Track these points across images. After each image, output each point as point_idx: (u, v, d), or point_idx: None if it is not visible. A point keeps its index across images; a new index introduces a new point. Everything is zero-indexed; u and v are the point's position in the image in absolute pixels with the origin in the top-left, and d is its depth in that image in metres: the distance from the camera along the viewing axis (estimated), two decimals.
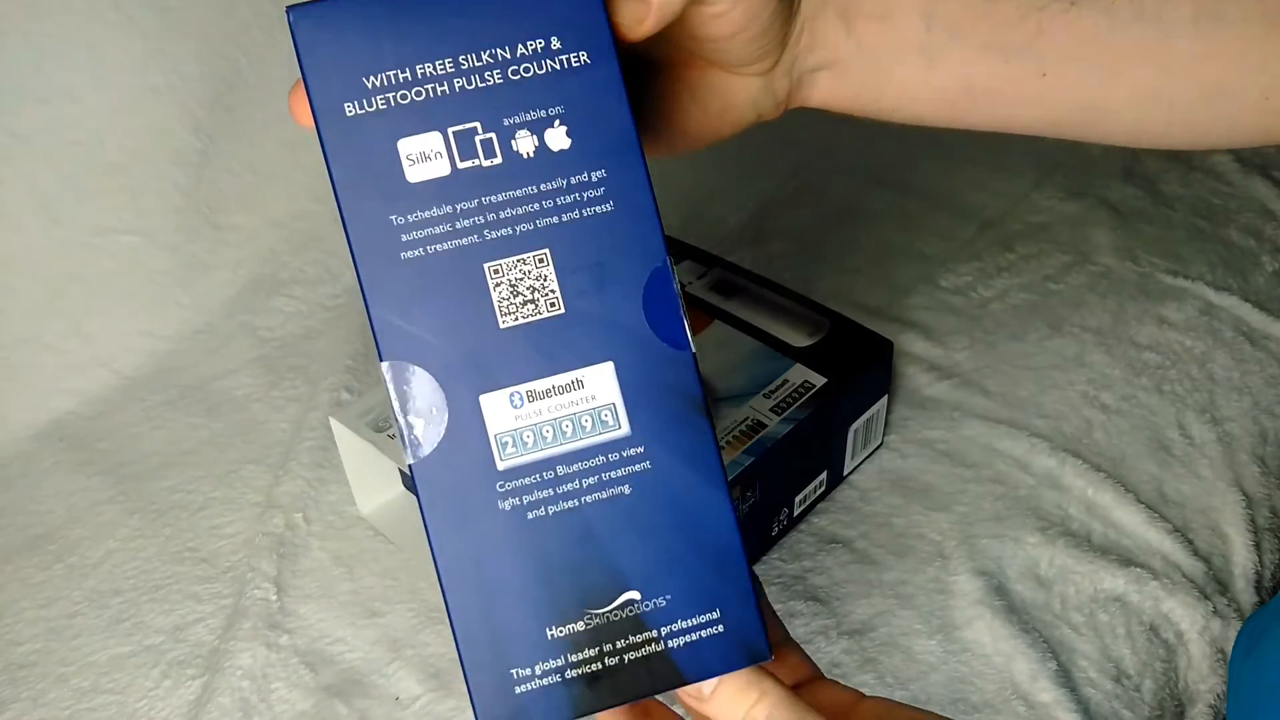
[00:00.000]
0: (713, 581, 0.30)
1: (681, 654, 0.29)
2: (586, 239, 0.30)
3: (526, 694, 0.29)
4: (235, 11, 0.77)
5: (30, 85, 0.71)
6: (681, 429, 0.30)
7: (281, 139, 0.81)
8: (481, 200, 0.29)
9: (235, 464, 0.68)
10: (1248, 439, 0.67)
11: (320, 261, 0.82)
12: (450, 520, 0.29)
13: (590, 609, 0.29)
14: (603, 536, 0.29)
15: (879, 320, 0.75)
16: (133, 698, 0.55)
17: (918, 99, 0.44)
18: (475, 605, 0.29)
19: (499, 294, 0.29)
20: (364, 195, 0.29)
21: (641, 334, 0.30)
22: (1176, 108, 0.43)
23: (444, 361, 0.29)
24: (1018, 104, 0.44)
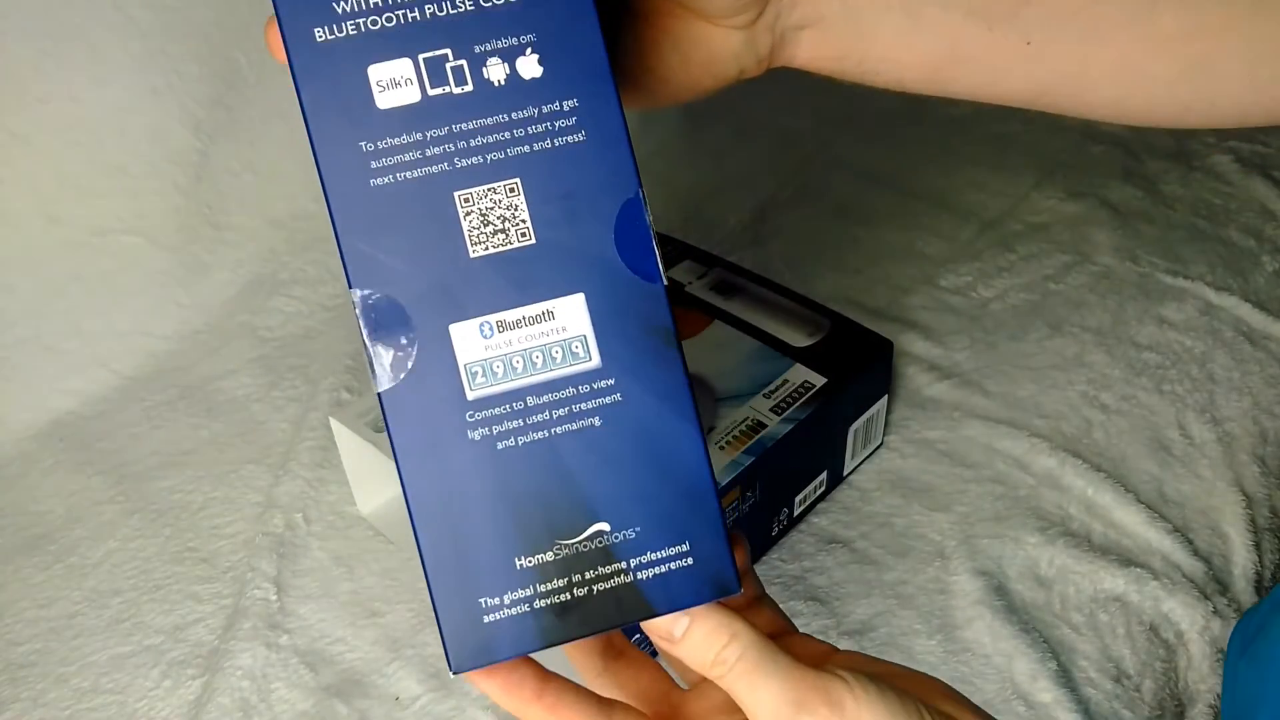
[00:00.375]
0: (682, 514, 0.30)
1: (650, 586, 0.29)
2: (558, 169, 0.30)
3: (495, 623, 0.29)
4: (235, 11, 0.77)
5: (30, 85, 0.71)
6: (652, 362, 0.30)
7: (281, 139, 0.81)
8: (452, 128, 0.29)
9: (235, 464, 0.68)
10: (1248, 439, 0.67)
11: (320, 261, 0.82)
12: (419, 449, 0.29)
13: (560, 539, 0.29)
14: (573, 468, 0.29)
15: (879, 320, 0.75)
16: (133, 698, 0.55)
17: (901, 62, 0.44)
18: (444, 535, 0.29)
19: (469, 223, 0.29)
20: (334, 121, 0.29)
21: (613, 266, 0.30)
22: (1160, 82, 0.43)
23: (414, 290, 0.29)
24: (1001, 73, 0.44)
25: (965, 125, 0.98)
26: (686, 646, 0.31)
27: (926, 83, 0.45)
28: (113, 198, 0.75)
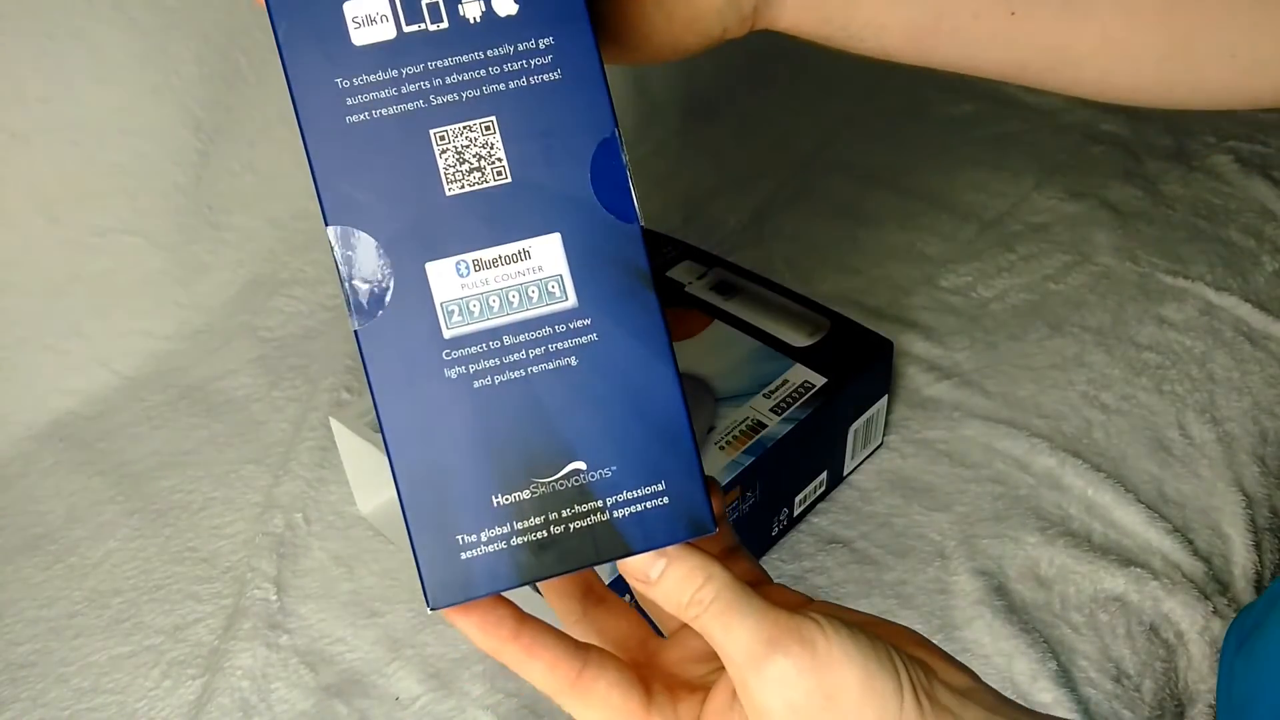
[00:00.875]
0: (658, 454, 0.30)
1: (626, 524, 0.30)
2: (534, 107, 0.30)
3: (472, 560, 0.29)
4: (235, 11, 0.77)
5: (30, 85, 0.71)
6: (629, 302, 0.30)
7: (281, 139, 0.81)
8: (427, 65, 0.29)
9: (235, 464, 0.68)
10: (1248, 439, 0.67)
11: (320, 261, 0.82)
12: (397, 387, 0.29)
13: (536, 478, 0.29)
14: (549, 407, 0.29)
15: (879, 320, 0.75)
16: (133, 698, 0.55)
17: (885, 28, 0.44)
18: (421, 472, 0.29)
19: (445, 161, 0.29)
20: (309, 58, 0.29)
21: (589, 205, 0.30)
22: (1143, 60, 0.43)
23: (390, 228, 0.29)
24: (985, 43, 0.44)
25: (965, 125, 0.98)
26: (662, 587, 0.31)
27: (910, 51, 0.45)
28: (113, 198, 0.75)
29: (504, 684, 0.54)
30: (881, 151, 0.95)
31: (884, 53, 0.45)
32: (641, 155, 0.93)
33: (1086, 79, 0.45)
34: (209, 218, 0.79)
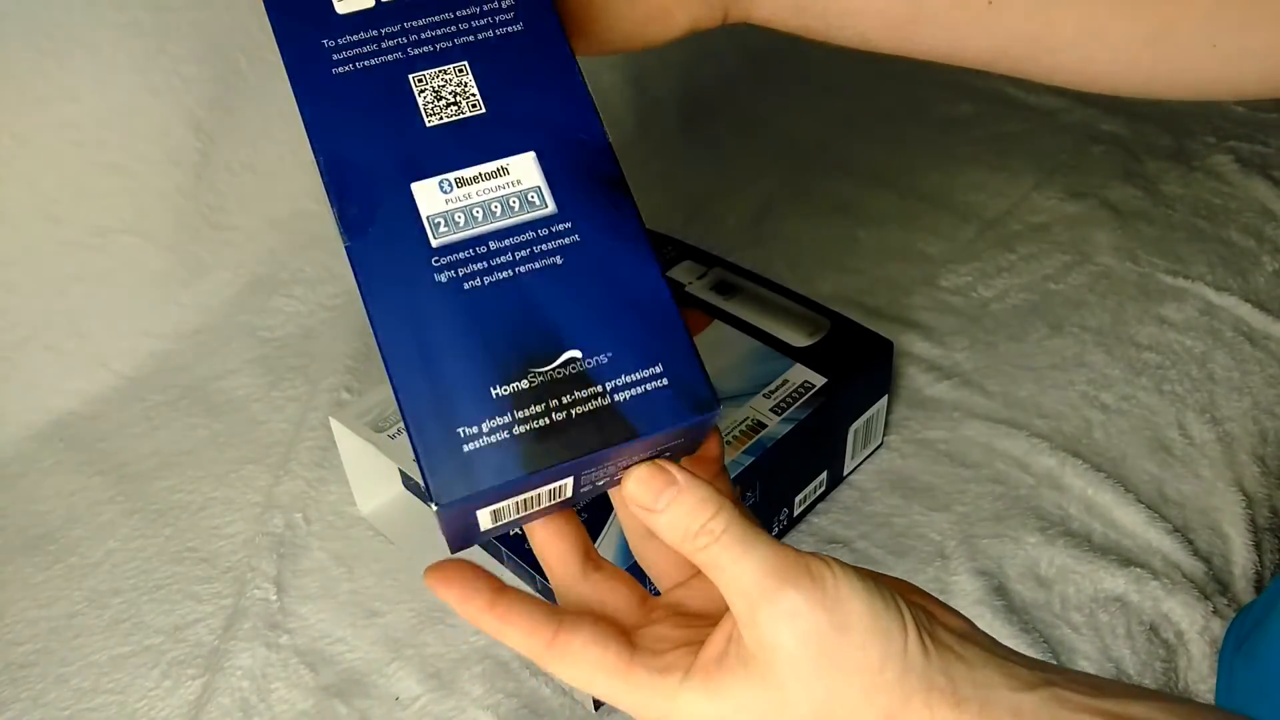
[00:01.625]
0: (652, 339, 0.31)
1: (629, 407, 0.30)
2: (500, 52, 0.33)
3: (475, 451, 0.29)
4: (235, 11, 0.77)
5: (30, 85, 0.71)
6: (605, 206, 0.32)
7: (281, 139, 0.81)
8: (404, 25, 0.33)
9: (235, 464, 0.68)
10: (1248, 439, 0.67)
11: (320, 261, 0.82)
12: (388, 293, 0.30)
13: (533, 368, 0.30)
14: (540, 301, 0.30)
15: (879, 320, 0.75)
16: (133, 698, 0.55)
17: (863, 16, 0.44)
18: (418, 371, 0.30)
19: (423, 99, 0.32)
20: (298, 27, 0.33)
21: (557, 125, 0.32)
22: (1122, 48, 0.43)
23: (375, 155, 0.32)
24: (963, 32, 0.44)
25: (965, 125, 0.98)
26: (670, 515, 0.31)
27: (890, 40, 0.45)
28: (113, 198, 0.75)
29: (504, 684, 0.54)
30: (881, 151, 0.95)
31: (863, 41, 0.45)
32: (641, 155, 0.93)
33: (1066, 66, 0.45)
34: (209, 218, 0.79)
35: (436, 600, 0.58)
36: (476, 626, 0.33)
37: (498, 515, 0.31)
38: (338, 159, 0.32)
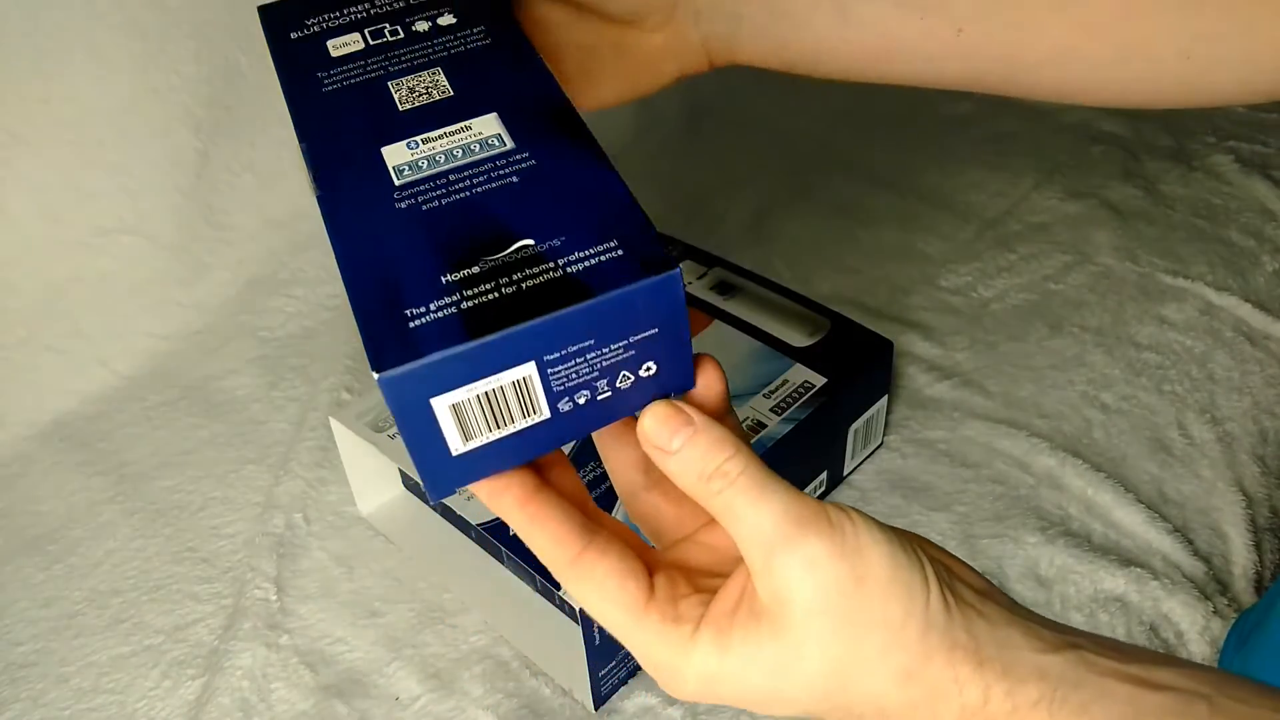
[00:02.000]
0: (608, 222, 0.30)
1: (582, 274, 0.29)
2: (470, 58, 0.37)
3: (421, 326, 0.28)
4: (235, 11, 0.77)
5: (30, 85, 0.71)
6: (562, 140, 0.33)
7: (281, 139, 0.81)
8: (387, 54, 0.38)
9: (235, 464, 0.68)
10: (1248, 439, 0.67)
11: (320, 261, 0.82)
12: (350, 222, 0.32)
13: (485, 255, 0.30)
14: (495, 209, 0.31)
15: (879, 320, 0.75)
16: (133, 698, 0.55)
17: (838, 52, 0.45)
18: (369, 272, 0.30)
19: (399, 95, 0.36)
20: (298, 70, 0.39)
21: (520, 94, 0.35)
22: (1096, 66, 0.44)
23: (351, 131, 0.35)
24: (936, 60, 0.45)
25: (965, 125, 0.98)
26: (684, 456, 0.30)
27: (868, 71, 0.47)
28: (113, 198, 0.75)
29: (504, 684, 0.54)
30: (881, 151, 0.95)
31: (844, 74, 0.47)
32: (641, 155, 0.93)
33: (1044, 84, 0.45)
34: (209, 218, 0.79)
35: (437, 600, 0.59)
36: (506, 521, 0.32)
37: (463, 422, 0.29)
38: (318, 141, 0.35)
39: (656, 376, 0.31)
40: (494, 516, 0.52)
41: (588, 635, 0.49)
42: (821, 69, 0.47)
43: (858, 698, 0.29)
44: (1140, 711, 0.28)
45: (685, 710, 0.53)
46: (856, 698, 0.29)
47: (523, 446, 0.31)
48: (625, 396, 0.31)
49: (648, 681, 0.54)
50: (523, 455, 0.31)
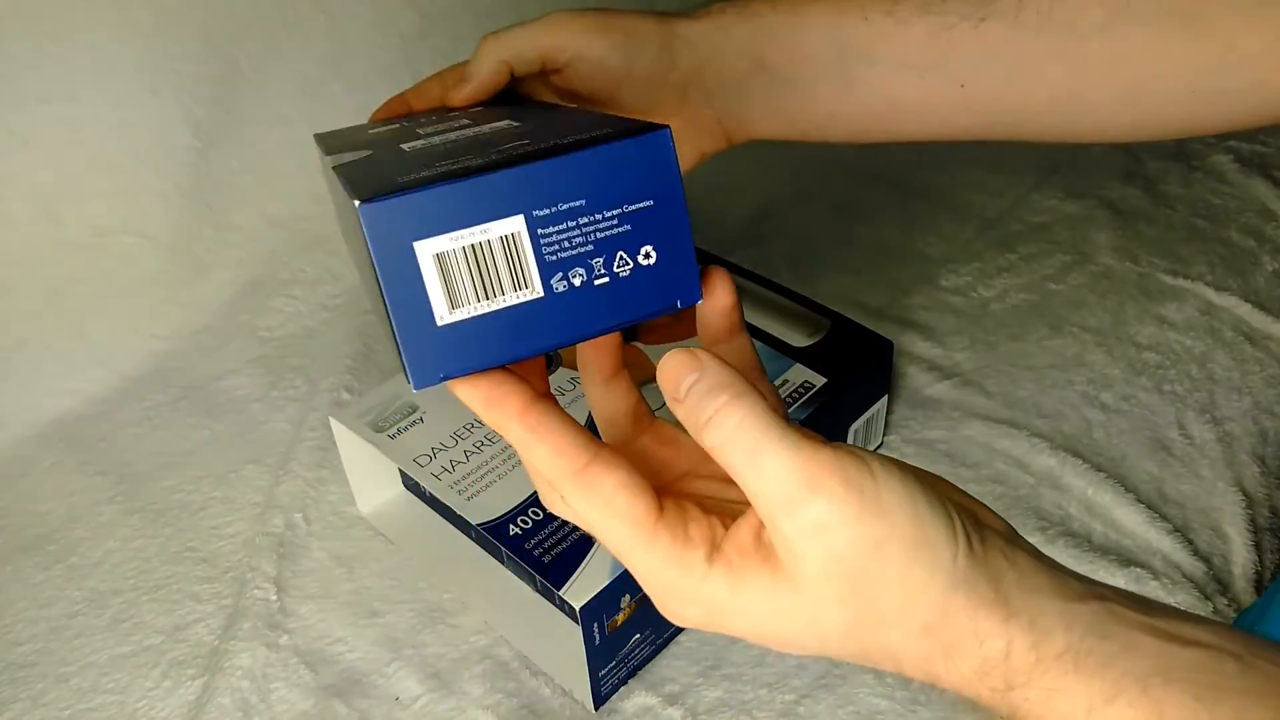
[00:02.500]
0: (601, 124, 0.32)
1: (572, 142, 0.29)
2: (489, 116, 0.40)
3: (406, 180, 0.28)
4: (235, 11, 0.77)
5: (30, 85, 0.71)
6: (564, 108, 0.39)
7: (281, 139, 0.81)
8: (417, 121, 0.43)
9: (235, 464, 0.68)
10: (1248, 439, 0.67)
11: (320, 261, 0.82)
12: (363, 169, 0.33)
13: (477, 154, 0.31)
14: (497, 141, 0.32)
15: (879, 320, 0.75)
16: (133, 698, 0.55)
17: (848, 118, 0.47)
18: (370, 169, 0.32)
19: (423, 130, 0.39)
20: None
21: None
22: (1101, 106, 0.44)
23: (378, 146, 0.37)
24: (944, 115, 0.46)
25: None
26: (686, 405, 0.28)
27: (879, 133, 0.48)
28: (113, 198, 0.75)
29: (504, 684, 0.54)
30: (881, 151, 0.95)
31: (856, 137, 0.48)
32: None
33: (1049, 130, 0.46)
34: (209, 218, 0.79)
35: (436, 600, 0.59)
36: (503, 436, 0.30)
37: (449, 282, 0.28)
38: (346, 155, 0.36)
39: (657, 270, 0.30)
40: (494, 516, 0.52)
41: (588, 635, 0.49)
42: (833, 135, 0.48)
43: (873, 647, 0.29)
44: (1168, 666, 0.27)
45: (685, 710, 0.53)
46: (871, 646, 0.29)
47: (515, 336, 0.29)
48: (624, 291, 0.29)
49: (648, 681, 0.54)
50: (515, 348, 0.29)
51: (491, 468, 0.55)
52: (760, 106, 0.47)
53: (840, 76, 0.46)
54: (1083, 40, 0.42)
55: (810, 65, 0.46)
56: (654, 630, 0.54)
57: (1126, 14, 0.41)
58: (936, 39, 0.44)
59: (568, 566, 0.49)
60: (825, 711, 0.52)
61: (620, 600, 0.50)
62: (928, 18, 0.44)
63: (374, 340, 0.77)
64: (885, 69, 0.45)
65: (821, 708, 0.52)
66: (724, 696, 0.53)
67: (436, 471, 0.55)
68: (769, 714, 0.52)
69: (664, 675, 0.54)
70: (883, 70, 0.45)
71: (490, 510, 0.53)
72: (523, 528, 0.52)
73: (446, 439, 0.57)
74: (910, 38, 0.44)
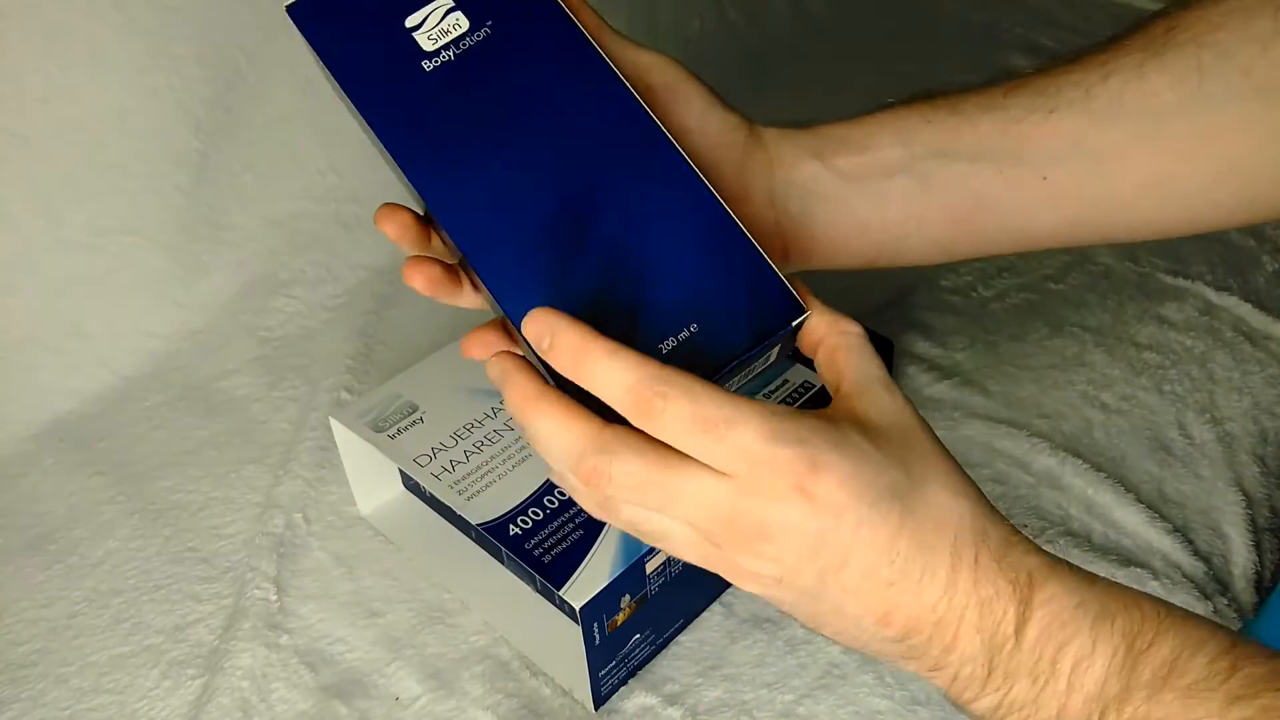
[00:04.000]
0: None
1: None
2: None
3: None
4: (235, 11, 0.77)
5: (30, 85, 0.71)
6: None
7: (281, 139, 0.81)
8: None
9: (235, 464, 0.68)
10: (1248, 439, 0.67)
11: (320, 261, 0.82)
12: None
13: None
14: None
15: (879, 320, 0.75)
16: (133, 698, 0.55)
17: (925, 219, 0.45)
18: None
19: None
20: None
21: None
22: (1192, 190, 0.43)
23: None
24: (1029, 211, 0.44)
25: None
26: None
27: (961, 239, 0.45)
28: (113, 198, 0.75)
29: (504, 684, 0.54)
30: None
31: (938, 246, 0.46)
32: None
33: (1143, 224, 0.44)
34: (209, 218, 0.79)
35: (436, 600, 0.59)
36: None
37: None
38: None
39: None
40: (494, 516, 0.52)
41: (588, 635, 0.49)
42: (912, 240, 0.46)
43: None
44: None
45: (685, 710, 0.53)
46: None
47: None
48: None
49: (648, 681, 0.54)
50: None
51: (491, 468, 0.55)
52: (827, 209, 0.45)
53: (913, 175, 0.44)
54: (1160, 123, 0.41)
55: (880, 165, 0.44)
56: (654, 630, 0.54)
57: (1200, 94, 0.40)
58: (1008, 131, 0.43)
59: (568, 566, 0.49)
60: (825, 711, 0.52)
61: (620, 600, 0.50)
62: (994, 113, 0.43)
63: (374, 340, 0.77)
64: (959, 161, 0.43)
65: (821, 708, 0.52)
66: (724, 696, 0.53)
67: (436, 471, 0.55)
68: (769, 714, 0.52)
69: (664, 675, 0.54)
70: (957, 163, 0.43)
71: (490, 510, 0.53)
72: (523, 528, 0.52)
73: (446, 439, 0.57)
74: (980, 132, 0.43)
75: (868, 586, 0.33)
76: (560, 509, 0.52)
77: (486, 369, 0.37)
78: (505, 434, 0.57)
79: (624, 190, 0.37)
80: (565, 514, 0.52)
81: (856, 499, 0.32)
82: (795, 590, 0.34)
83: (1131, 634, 0.33)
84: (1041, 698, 0.33)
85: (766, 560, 0.33)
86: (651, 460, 0.33)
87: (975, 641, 0.33)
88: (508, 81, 0.38)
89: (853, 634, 0.35)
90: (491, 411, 0.58)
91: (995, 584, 0.33)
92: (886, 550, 0.33)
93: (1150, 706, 0.31)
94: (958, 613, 0.33)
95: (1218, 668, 0.31)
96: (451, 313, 0.57)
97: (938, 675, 0.35)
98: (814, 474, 0.32)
